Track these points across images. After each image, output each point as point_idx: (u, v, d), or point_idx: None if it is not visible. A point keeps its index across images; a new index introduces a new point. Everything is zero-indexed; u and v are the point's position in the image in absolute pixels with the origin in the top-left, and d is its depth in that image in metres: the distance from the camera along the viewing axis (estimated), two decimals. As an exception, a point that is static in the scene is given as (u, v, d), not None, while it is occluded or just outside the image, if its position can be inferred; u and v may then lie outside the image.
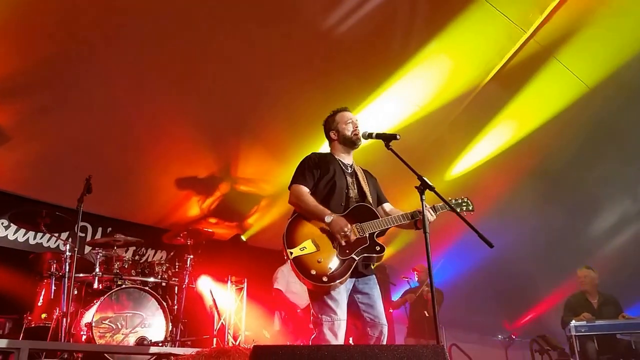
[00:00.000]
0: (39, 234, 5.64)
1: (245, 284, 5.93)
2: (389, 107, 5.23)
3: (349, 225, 2.74)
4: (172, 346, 4.20)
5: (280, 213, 6.25)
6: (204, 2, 4.12)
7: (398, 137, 2.87)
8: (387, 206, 3.10)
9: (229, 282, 5.83)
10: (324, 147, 3.27)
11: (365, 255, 2.76)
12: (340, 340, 2.62)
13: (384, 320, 2.76)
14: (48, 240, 5.69)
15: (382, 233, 2.86)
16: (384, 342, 2.73)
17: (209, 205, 6.38)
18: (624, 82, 5.37)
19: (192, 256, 5.01)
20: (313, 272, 2.64)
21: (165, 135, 5.32)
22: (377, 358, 1.89)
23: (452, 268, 7.20)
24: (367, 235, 2.78)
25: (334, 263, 2.68)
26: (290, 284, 5.44)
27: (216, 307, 5.43)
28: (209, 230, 5.43)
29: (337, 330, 2.61)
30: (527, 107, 5.64)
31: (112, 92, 4.67)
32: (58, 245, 5.59)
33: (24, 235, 5.58)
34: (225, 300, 5.65)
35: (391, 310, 7.05)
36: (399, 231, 3.25)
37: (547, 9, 4.66)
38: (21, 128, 4.85)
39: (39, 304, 4.43)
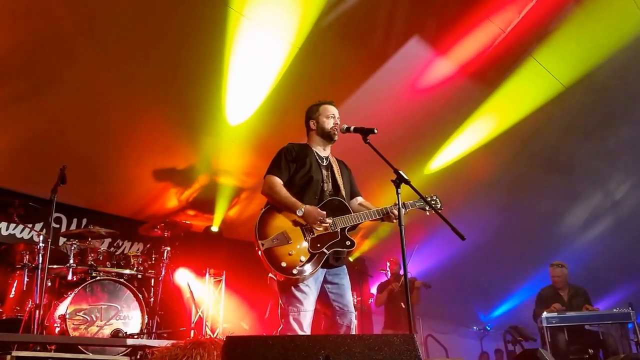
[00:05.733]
0: (12, 225, 5.52)
1: (224, 276, 5.93)
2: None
3: (324, 212, 2.77)
4: (147, 338, 4.18)
5: (261, 205, 6.21)
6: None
7: (375, 131, 2.90)
8: (359, 199, 3.13)
9: (207, 274, 5.81)
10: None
11: (336, 249, 2.80)
12: (306, 330, 2.66)
13: (352, 309, 2.82)
14: (21, 231, 5.57)
15: (353, 228, 2.89)
16: (354, 330, 2.79)
17: (187, 198, 6.33)
18: (597, 83, 5.49)
19: (169, 248, 4.98)
20: (283, 264, 2.67)
21: (143, 125, 5.25)
22: (350, 347, 1.92)
23: (428, 260, 7.31)
24: (339, 230, 2.82)
25: (304, 256, 2.71)
26: None
27: (193, 300, 5.41)
28: (187, 222, 5.39)
29: (303, 320, 2.65)
30: (506, 104, 5.71)
31: (88, 82, 4.58)
32: (32, 237, 5.47)
33: (-4, 226, 5.46)
34: (204, 293, 5.64)
35: (370, 301, 7.13)
36: (377, 225, 3.26)
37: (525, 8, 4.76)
38: (-7, 117, 4.73)
39: (11, 295, 4.36)
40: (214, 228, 6.47)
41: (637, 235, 7.38)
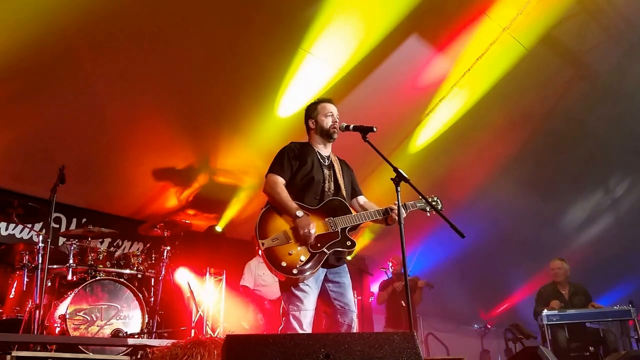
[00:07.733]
0: (12, 225, 5.50)
1: (224, 275, 5.91)
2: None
3: (313, 228, 2.74)
4: (148, 338, 4.18)
5: (261, 204, 6.17)
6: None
7: (375, 129, 2.89)
8: (361, 199, 3.12)
9: (208, 273, 5.80)
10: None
11: (336, 249, 2.79)
12: (307, 329, 2.66)
13: (354, 308, 2.82)
14: (21, 232, 5.56)
15: (353, 228, 2.88)
16: (355, 329, 2.79)
17: (187, 197, 6.32)
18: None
19: (169, 248, 4.97)
20: (283, 264, 2.67)
21: (143, 124, 5.24)
22: (350, 345, 1.92)
23: (429, 259, 7.31)
24: (339, 230, 2.81)
25: (304, 256, 2.71)
26: (258, 278, 5.45)
27: (194, 299, 5.41)
28: (186, 221, 5.38)
29: (303, 319, 2.65)
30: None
31: (87, 81, 4.57)
32: (31, 237, 5.47)
33: (-5, 226, 5.45)
34: (204, 292, 5.63)
35: (371, 299, 7.13)
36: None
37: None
38: (-8, 116, 4.72)
39: (11, 296, 4.35)
40: (218, 228, 6.46)
41: (637, 232, 7.37)
